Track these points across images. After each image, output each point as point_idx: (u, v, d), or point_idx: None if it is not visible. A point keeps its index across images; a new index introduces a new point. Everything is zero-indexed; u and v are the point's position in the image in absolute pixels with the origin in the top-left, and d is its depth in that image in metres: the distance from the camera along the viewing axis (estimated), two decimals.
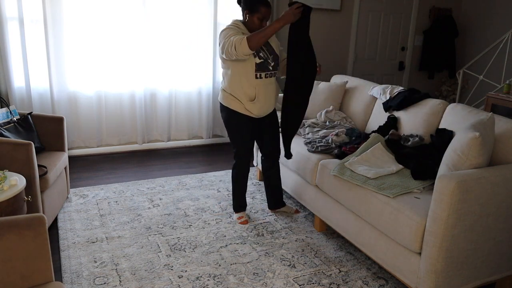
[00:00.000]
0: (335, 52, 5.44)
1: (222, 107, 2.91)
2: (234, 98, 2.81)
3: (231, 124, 2.91)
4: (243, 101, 2.79)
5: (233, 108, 2.83)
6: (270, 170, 3.17)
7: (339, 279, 2.49)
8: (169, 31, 4.40)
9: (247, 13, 2.73)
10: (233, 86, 2.79)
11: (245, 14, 2.75)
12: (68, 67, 4.10)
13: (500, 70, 5.32)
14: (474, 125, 2.22)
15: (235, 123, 2.89)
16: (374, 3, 5.52)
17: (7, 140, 2.56)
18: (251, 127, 2.91)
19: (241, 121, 2.87)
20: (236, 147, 2.97)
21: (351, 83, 3.80)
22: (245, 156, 2.99)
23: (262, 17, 2.71)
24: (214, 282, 2.41)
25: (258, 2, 2.69)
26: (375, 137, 2.94)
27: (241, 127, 2.90)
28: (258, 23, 2.72)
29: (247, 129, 2.91)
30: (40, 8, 3.84)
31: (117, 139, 4.49)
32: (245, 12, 2.74)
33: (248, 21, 2.75)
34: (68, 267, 2.50)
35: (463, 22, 6.09)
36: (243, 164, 3.02)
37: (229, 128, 2.94)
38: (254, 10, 2.70)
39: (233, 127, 2.92)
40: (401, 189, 2.39)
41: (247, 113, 2.84)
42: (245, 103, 2.80)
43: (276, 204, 3.27)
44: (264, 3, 2.69)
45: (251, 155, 3.04)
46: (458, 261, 2.10)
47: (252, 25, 2.74)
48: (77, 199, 3.39)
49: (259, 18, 2.71)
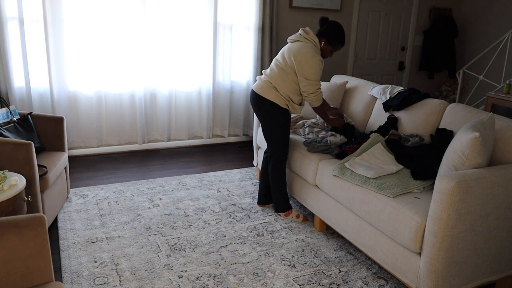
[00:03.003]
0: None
1: (265, 100, 2.94)
2: (285, 98, 2.93)
3: (276, 117, 2.97)
4: (294, 102, 2.96)
5: (280, 104, 2.93)
6: None
7: (339, 279, 2.49)
8: (169, 31, 4.40)
9: (325, 42, 2.91)
10: (288, 90, 2.92)
11: (322, 41, 2.92)
12: (68, 67, 4.10)
13: (500, 70, 5.33)
14: (474, 125, 2.22)
15: (280, 117, 2.97)
16: (374, 3, 5.52)
17: (7, 140, 2.56)
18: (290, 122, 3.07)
19: (286, 116, 2.99)
20: (277, 140, 3.03)
21: (351, 83, 3.80)
22: (285, 150, 3.08)
23: (334, 51, 2.97)
24: (214, 282, 2.41)
25: (340, 41, 2.93)
26: (375, 137, 2.94)
27: (285, 121, 3.01)
28: (328, 54, 2.97)
29: (289, 123, 3.04)
30: (40, 8, 3.84)
31: (117, 139, 4.49)
32: (324, 40, 2.91)
33: (322, 48, 2.93)
34: (68, 267, 2.50)
35: (463, 22, 6.09)
36: (284, 160, 3.10)
37: (272, 122, 3.00)
38: (333, 43, 2.92)
39: (277, 121, 2.99)
40: (401, 189, 2.39)
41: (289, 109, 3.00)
42: (294, 104, 2.97)
43: (268, 200, 3.33)
44: (343, 43, 2.95)
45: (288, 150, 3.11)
46: (458, 261, 2.10)
47: (323, 53, 2.95)
48: (77, 199, 3.39)
49: (332, 51, 2.95)
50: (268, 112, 2.96)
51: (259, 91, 2.96)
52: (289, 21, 5.01)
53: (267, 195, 3.31)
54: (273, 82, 2.92)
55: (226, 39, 4.70)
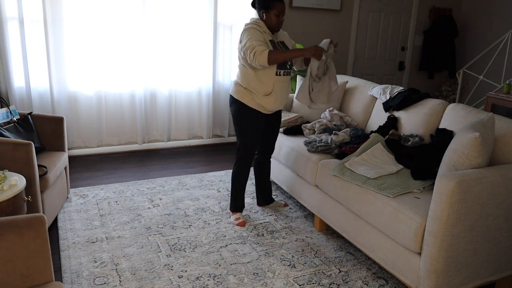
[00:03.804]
0: (335, 52, 5.43)
1: (233, 99, 2.93)
2: (248, 92, 2.85)
3: (240, 117, 2.92)
4: (258, 95, 2.83)
5: (245, 102, 2.86)
6: (263, 166, 3.21)
7: (339, 279, 2.49)
8: (169, 31, 4.40)
9: (263, 12, 2.80)
10: (250, 80, 2.82)
11: (262, 13, 2.81)
12: (68, 67, 4.10)
13: (500, 70, 5.32)
14: (474, 125, 2.22)
15: (245, 117, 2.91)
16: (374, 3, 5.52)
17: (7, 140, 2.56)
18: (259, 122, 2.94)
19: (251, 116, 2.89)
20: (241, 140, 2.97)
21: (351, 83, 3.80)
22: (249, 151, 2.99)
23: (278, 13, 2.78)
24: (214, 282, 2.41)
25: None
26: (375, 137, 2.94)
27: (249, 122, 2.91)
28: (276, 19, 2.80)
29: (256, 125, 2.93)
30: (40, 8, 3.84)
31: (117, 139, 4.49)
32: (262, 11, 2.81)
33: (266, 19, 2.81)
34: (68, 267, 2.50)
35: (463, 22, 6.09)
36: (246, 158, 3.00)
37: (237, 121, 2.95)
38: (269, 7, 2.77)
39: (242, 120, 2.93)
40: (401, 189, 2.39)
41: (258, 108, 2.88)
42: (259, 98, 2.83)
43: (267, 200, 3.32)
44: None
45: (255, 151, 3.04)
46: (458, 261, 2.10)
47: (270, 22, 2.81)
48: (77, 199, 3.39)
49: (276, 14, 2.78)
50: (236, 111, 2.93)
51: (230, 91, 2.98)
52: (289, 21, 5.01)
53: (264, 195, 3.32)
54: (238, 79, 2.91)
55: (226, 39, 4.70)
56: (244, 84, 2.86)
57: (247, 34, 2.74)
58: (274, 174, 3.54)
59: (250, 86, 2.83)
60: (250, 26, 2.78)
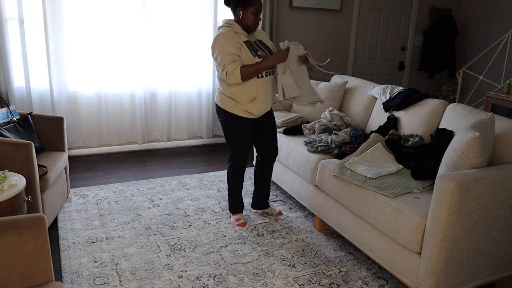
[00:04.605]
0: (335, 52, 5.44)
1: (219, 109, 2.87)
2: (233, 100, 2.78)
3: (229, 126, 2.88)
4: (242, 102, 2.76)
5: (231, 111, 2.80)
6: (264, 171, 3.14)
7: (339, 279, 2.49)
8: (169, 31, 4.40)
9: (240, 9, 2.69)
10: (232, 89, 2.75)
11: (238, 11, 2.70)
12: (68, 67, 4.10)
13: (500, 70, 5.32)
14: (474, 125, 2.22)
15: (233, 126, 2.86)
16: (374, 3, 5.52)
17: (7, 140, 2.56)
18: (249, 128, 2.89)
19: (240, 123, 2.84)
20: (233, 148, 2.93)
21: (351, 83, 3.80)
22: (241, 156, 2.96)
23: (256, 10, 2.68)
24: (214, 282, 2.41)
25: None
26: (375, 137, 2.94)
27: (239, 129, 2.86)
28: (253, 18, 2.69)
29: (245, 131, 2.88)
30: (40, 8, 3.84)
31: (117, 139, 4.49)
32: (238, 9, 2.69)
33: (243, 17, 2.70)
34: (68, 267, 2.50)
35: (463, 22, 6.09)
36: (239, 164, 2.97)
37: (226, 130, 2.91)
38: (247, 4, 2.66)
39: (231, 129, 2.89)
40: (401, 189, 2.39)
41: (246, 115, 2.81)
42: (245, 104, 2.77)
43: (262, 205, 3.24)
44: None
45: (247, 154, 3.01)
46: (458, 261, 2.10)
47: (247, 21, 2.70)
48: (77, 199, 3.39)
49: (253, 12, 2.68)
50: (224, 120, 2.87)
51: (215, 99, 2.91)
52: (289, 21, 5.01)
53: (258, 199, 3.24)
54: (220, 88, 2.84)
55: None
56: (227, 94, 2.78)
57: (217, 46, 2.65)
58: (274, 174, 3.53)
59: (234, 95, 2.76)
60: (221, 32, 2.67)
